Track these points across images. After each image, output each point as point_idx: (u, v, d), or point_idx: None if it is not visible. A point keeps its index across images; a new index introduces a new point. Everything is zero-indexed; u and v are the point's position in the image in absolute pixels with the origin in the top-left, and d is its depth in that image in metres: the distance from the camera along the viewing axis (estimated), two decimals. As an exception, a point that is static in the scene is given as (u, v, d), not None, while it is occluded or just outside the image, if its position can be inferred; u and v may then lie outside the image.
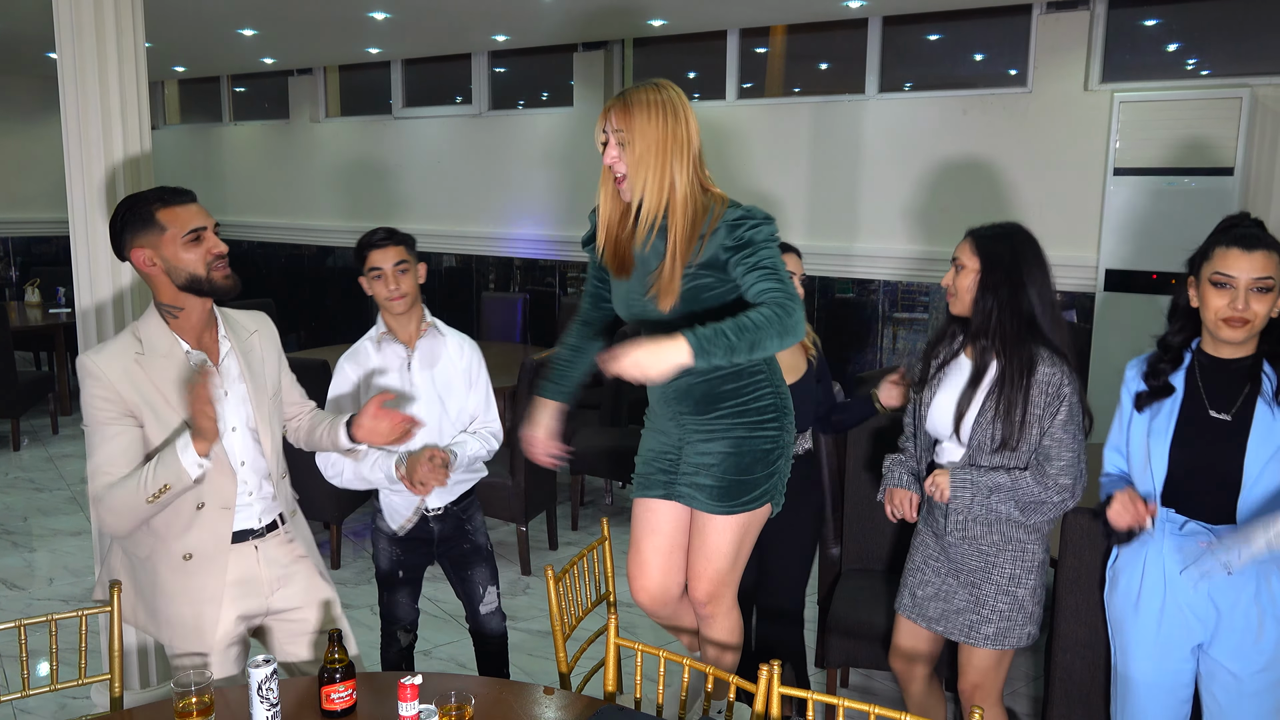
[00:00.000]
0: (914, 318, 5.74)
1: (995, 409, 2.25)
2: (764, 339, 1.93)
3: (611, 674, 2.02)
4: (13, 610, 3.96)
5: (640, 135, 2.05)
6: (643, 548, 2.36)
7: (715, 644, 2.40)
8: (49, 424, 6.77)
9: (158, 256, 1.97)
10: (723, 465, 2.22)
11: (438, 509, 2.73)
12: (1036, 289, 2.25)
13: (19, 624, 2.08)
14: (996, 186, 5.34)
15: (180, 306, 2.01)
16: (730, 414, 2.21)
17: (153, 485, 1.91)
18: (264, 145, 9.01)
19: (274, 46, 7.31)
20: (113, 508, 1.93)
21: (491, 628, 2.86)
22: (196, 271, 1.98)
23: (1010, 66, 5.47)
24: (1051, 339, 2.25)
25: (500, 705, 1.89)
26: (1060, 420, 2.22)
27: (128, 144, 2.79)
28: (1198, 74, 4.99)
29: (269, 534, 2.18)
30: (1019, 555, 2.32)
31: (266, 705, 1.79)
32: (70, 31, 2.72)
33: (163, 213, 1.97)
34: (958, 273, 2.32)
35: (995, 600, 2.31)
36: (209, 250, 1.99)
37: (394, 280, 2.61)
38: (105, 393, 1.94)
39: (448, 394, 2.70)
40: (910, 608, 2.46)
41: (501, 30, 6.43)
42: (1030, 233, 2.34)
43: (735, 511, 2.23)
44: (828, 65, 6.33)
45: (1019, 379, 2.22)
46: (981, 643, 2.33)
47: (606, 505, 5.23)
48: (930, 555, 2.44)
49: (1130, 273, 4.69)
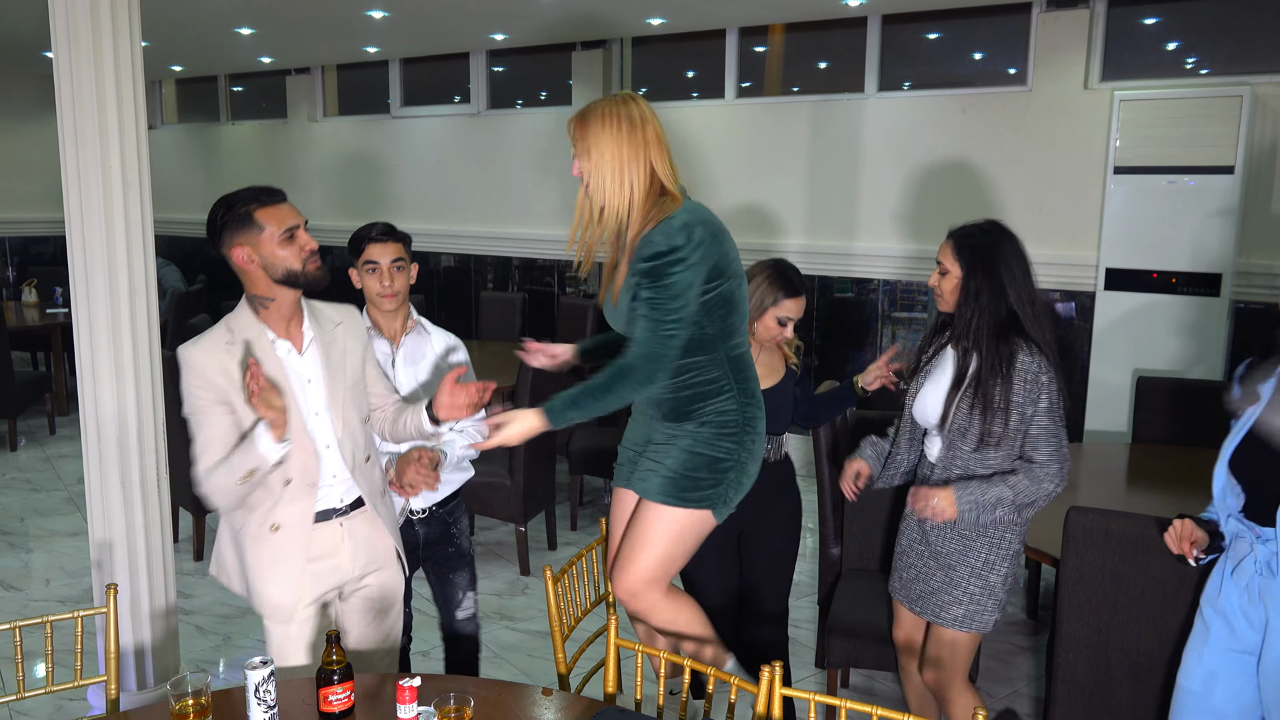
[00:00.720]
0: (913, 317, 5.73)
1: (973, 402, 2.33)
2: (616, 395, 2.15)
3: (612, 674, 2.00)
4: (9, 611, 3.94)
5: (595, 145, 2.17)
6: (613, 536, 2.44)
7: (677, 635, 2.40)
8: (46, 424, 6.75)
9: (256, 254, 2.10)
10: (673, 460, 2.27)
11: (423, 512, 2.71)
12: (1016, 288, 2.33)
13: (14, 625, 2.06)
14: (996, 185, 5.33)
15: (272, 298, 2.14)
16: (695, 424, 2.26)
17: (240, 470, 2.04)
18: (262, 145, 8.99)
19: (271, 45, 7.29)
20: (213, 489, 2.08)
21: (465, 633, 2.83)
22: (293, 266, 2.11)
23: (1010, 65, 5.46)
24: (1032, 334, 2.32)
25: (499, 707, 1.87)
26: (1044, 408, 2.31)
27: (124, 144, 2.77)
28: (1197, 73, 4.98)
29: (352, 512, 2.26)
30: (996, 542, 2.39)
31: (264, 707, 1.78)
32: (66, 31, 2.70)
33: (260, 212, 2.10)
34: (942, 275, 2.41)
35: (968, 583, 2.40)
36: (302, 246, 2.13)
37: (389, 276, 2.60)
38: (199, 381, 2.07)
39: (430, 393, 2.68)
40: (898, 589, 2.56)
41: (500, 29, 6.42)
42: (1008, 230, 2.40)
43: (671, 503, 2.26)
44: (826, 64, 6.32)
45: (997, 373, 2.29)
46: (949, 624, 2.42)
47: (605, 505, 5.21)
48: (914, 539, 2.52)
49: (1131, 271, 4.68)
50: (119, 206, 2.78)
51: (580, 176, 2.23)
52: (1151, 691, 2.38)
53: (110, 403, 2.84)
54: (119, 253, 2.79)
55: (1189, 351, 4.63)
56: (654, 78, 6.94)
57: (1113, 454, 3.84)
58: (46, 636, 2.09)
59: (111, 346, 2.82)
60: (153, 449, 2.93)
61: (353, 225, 2.79)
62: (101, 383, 2.83)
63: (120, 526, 2.91)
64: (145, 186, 2.85)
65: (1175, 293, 4.61)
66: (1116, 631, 2.41)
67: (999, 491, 2.32)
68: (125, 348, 2.83)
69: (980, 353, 2.32)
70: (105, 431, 2.85)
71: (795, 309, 2.72)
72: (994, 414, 2.30)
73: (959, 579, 2.40)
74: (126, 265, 2.81)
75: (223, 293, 8.76)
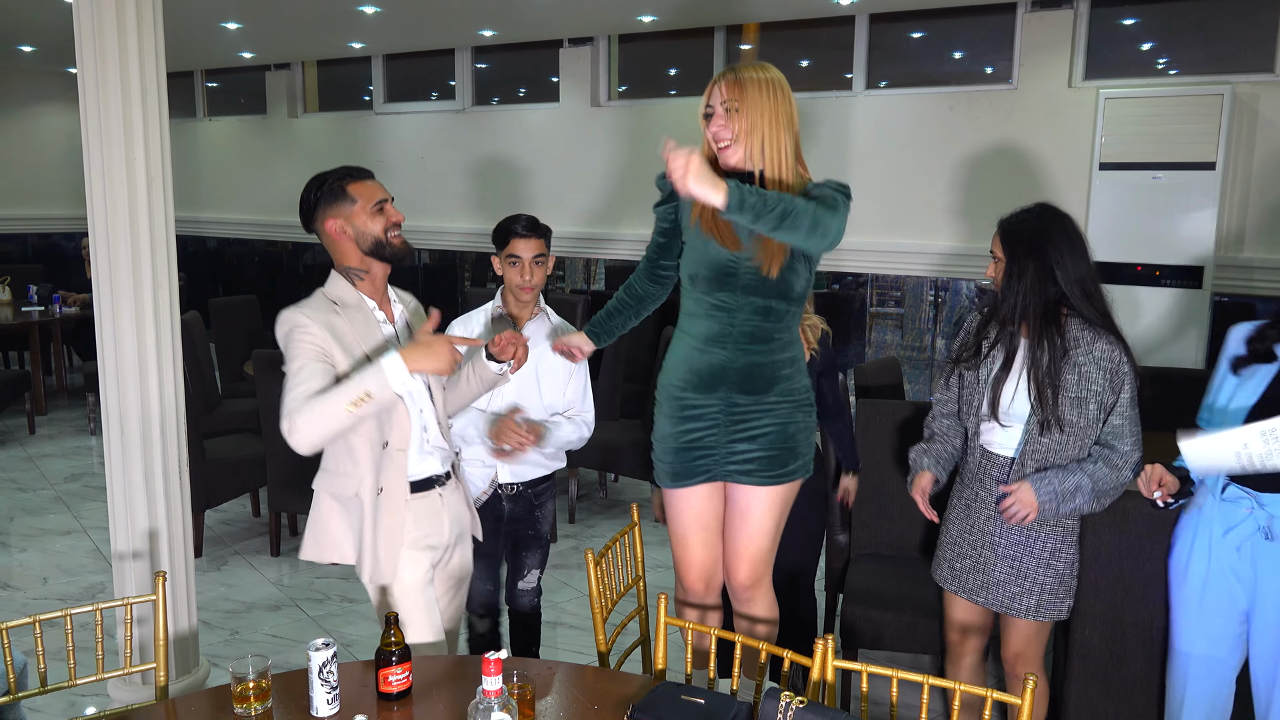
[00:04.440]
0: (896, 312, 5.84)
1: (1033, 386, 2.28)
2: (796, 220, 2.02)
3: (661, 652, 2.05)
4: (10, 611, 3.90)
5: (751, 106, 2.21)
6: (692, 543, 2.45)
7: (760, 621, 2.47)
8: (25, 424, 6.65)
9: (349, 225, 2.22)
10: (772, 437, 2.36)
11: (510, 485, 2.78)
12: (1065, 268, 2.26)
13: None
14: (982, 181, 5.45)
15: (365, 270, 2.25)
16: (780, 394, 2.36)
17: (357, 391, 2.06)
18: (240, 141, 8.91)
19: (255, 40, 7.24)
20: (310, 414, 2.06)
21: (524, 604, 2.93)
22: (380, 236, 2.23)
23: (995, 64, 5.59)
24: (1089, 316, 2.27)
25: (556, 685, 1.91)
26: (1126, 398, 2.28)
27: (148, 136, 2.77)
28: (1178, 72, 5.13)
29: (448, 481, 2.34)
30: (1059, 530, 2.37)
31: (327, 688, 1.80)
32: (91, 24, 2.69)
33: (353, 186, 2.23)
34: (996, 265, 2.37)
35: (1037, 573, 2.37)
36: (389, 219, 2.25)
37: (529, 270, 2.71)
38: (312, 336, 2.14)
39: (546, 377, 2.77)
40: (949, 579, 2.51)
41: (489, 25, 6.43)
42: (1058, 211, 2.34)
43: (782, 481, 2.38)
44: (809, 62, 6.40)
45: (1047, 358, 2.25)
46: (1024, 614, 2.39)
47: (600, 499, 5.26)
48: (966, 529, 2.47)
49: (1116, 264, 4.82)
50: (143, 199, 2.78)
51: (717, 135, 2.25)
52: (1163, 664, 2.48)
53: (134, 395, 2.83)
54: (143, 245, 2.79)
55: (1172, 341, 4.78)
56: (639, 75, 6.99)
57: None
58: (67, 633, 2.08)
59: (135, 338, 2.81)
60: (175, 441, 2.93)
61: None
62: (125, 374, 2.82)
63: (143, 519, 2.91)
64: (167, 179, 2.85)
65: (1158, 285, 4.76)
66: (1132, 607, 2.51)
67: (1077, 480, 2.26)
68: (149, 339, 2.83)
69: (1029, 334, 2.29)
70: (129, 423, 2.84)
71: None
72: (1045, 409, 2.25)
73: (1027, 570, 2.36)
74: (150, 257, 2.81)
75: (205, 289, 8.67)
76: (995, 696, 1.76)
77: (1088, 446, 2.31)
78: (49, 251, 9.47)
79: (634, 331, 2.81)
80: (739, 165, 2.26)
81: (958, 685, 1.77)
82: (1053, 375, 2.26)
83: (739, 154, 2.24)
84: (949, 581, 2.51)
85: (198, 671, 3.05)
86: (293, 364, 2.14)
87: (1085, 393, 2.26)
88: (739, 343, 2.32)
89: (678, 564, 2.52)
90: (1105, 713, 2.58)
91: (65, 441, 6.42)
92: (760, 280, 2.28)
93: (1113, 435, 2.30)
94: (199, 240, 9.08)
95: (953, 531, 2.52)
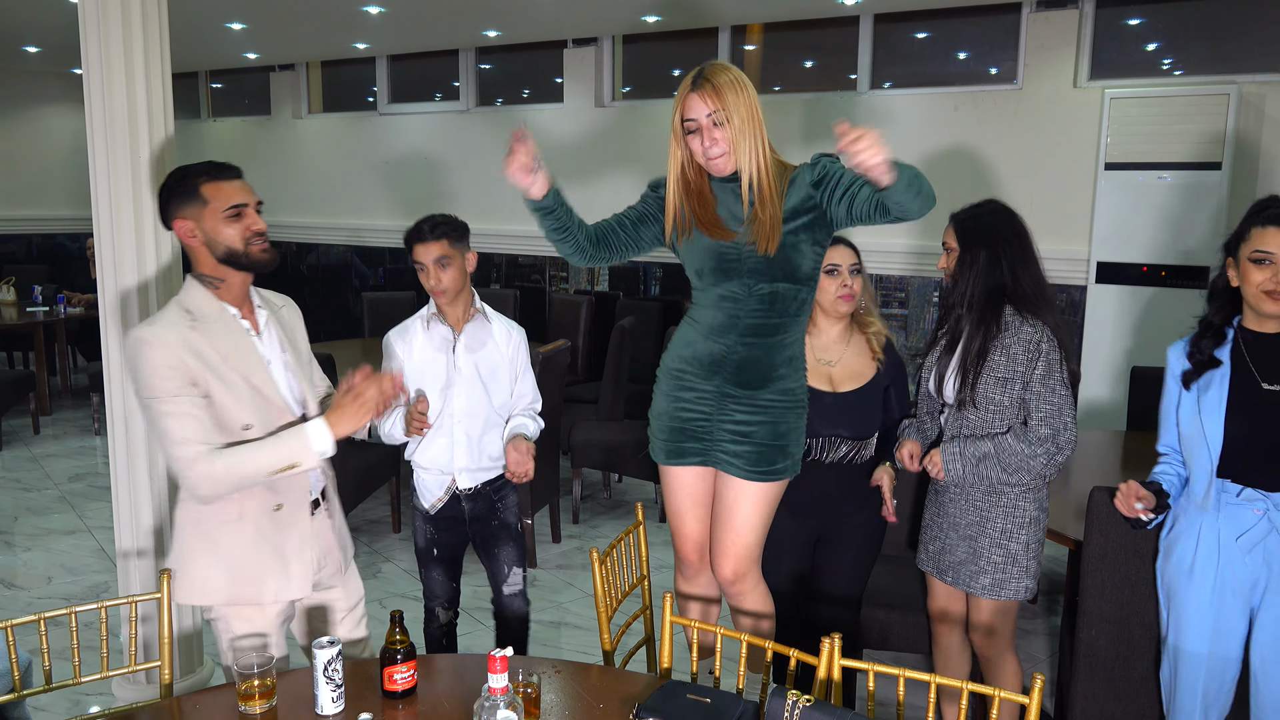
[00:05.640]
0: (900, 313, 5.83)
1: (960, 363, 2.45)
2: (924, 187, 2.07)
3: (667, 651, 2.05)
4: (13, 609, 3.91)
5: (733, 112, 2.19)
6: (687, 518, 2.51)
7: (750, 614, 2.48)
8: (30, 424, 6.66)
9: (199, 229, 2.01)
10: (762, 434, 2.36)
11: (468, 489, 2.77)
12: (1010, 259, 2.42)
13: (39, 617, 2.03)
14: (988, 181, 5.44)
15: (221, 278, 2.05)
16: (775, 393, 2.37)
17: (280, 461, 1.96)
18: (245, 142, 8.92)
19: (260, 41, 7.25)
20: (218, 477, 1.92)
21: (513, 609, 2.89)
22: (234, 246, 2.01)
23: (1000, 64, 5.58)
24: (1024, 300, 2.41)
25: (561, 683, 1.91)
26: (1039, 374, 2.39)
27: (154, 136, 2.77)
28: (1184, 73, 5.12)
29: (317, 509, 2.18)
30: (1009, 511, 2.48)
31: (332, 686, 1.80)
32: (97, 23, 2.70)
33: (207, 186, 2.01)
34: (948, 256, 2.51)
35: (990, 553, 2.50)
36: (248, 226, 2.02)
37: (434, 275, 2.65)
38: (169, 359, 1.92)
39: (491, 380, 2.75)
40: (925, 561, 2.66)
41: (493, 26, 6.43)
42: (1006, 207, 2.50)
43: (769, 479, 2.39)
44: (813, 62, 6.40)
45: (985, 335, 2.41)
46: (980, 592, 2.51)
47: (604, 499, 5.26)
48: (936, 513, 2.62)
49: (1121, 265, 4.81)
50: (148, 200, 2.78)
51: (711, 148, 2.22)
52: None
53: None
54: (148, 246, 2.80)
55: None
56: (642, 75, 6.99)
57: (1109, 441, 3.94)
58: (72, 631, 2.08)
59: (140, 337, 2.81)
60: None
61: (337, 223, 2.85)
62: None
63: (148, 517, 2.91)
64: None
65: (1164, 285, 4.75)
66: (1137, 607, 2.49)
67: (984, 448, 2.41)
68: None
69: (970, 318, 2.43)
70: (133, 423, 2.85)
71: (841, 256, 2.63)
72: (982, 377, 2.41)
73: (981, 549, 2.50)
74: (155, 258, 2.81)
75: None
76: (1002, 695, 1.76)
77: (1011, 425, 2.44)
78: (53, 252, 9.48)
79: (638, 333, 2.81)
80: (727, 170, 2.27)
81: (964, 684, 1.77)
82: (979, 357, 2.41)
83: (732, 163, 2.24)
84: (925, 563, 2.66)
85: (201, 670, 3.05)
86: (160, 401, 1.91)
87: (1011, 373, 2.41)
88: (743, 335, 2.34)
89: (674, 536, 2.59)
90: (1111, 712, 2.57)
91: (69, 441, 6.43)
92: (764, 262, 2.28)
93: (1027, 411, 2.42)
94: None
95: (926, 515, 2.68)
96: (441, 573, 2.84)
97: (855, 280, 2.68)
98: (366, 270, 8.24)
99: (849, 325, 2.73)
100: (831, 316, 2.68)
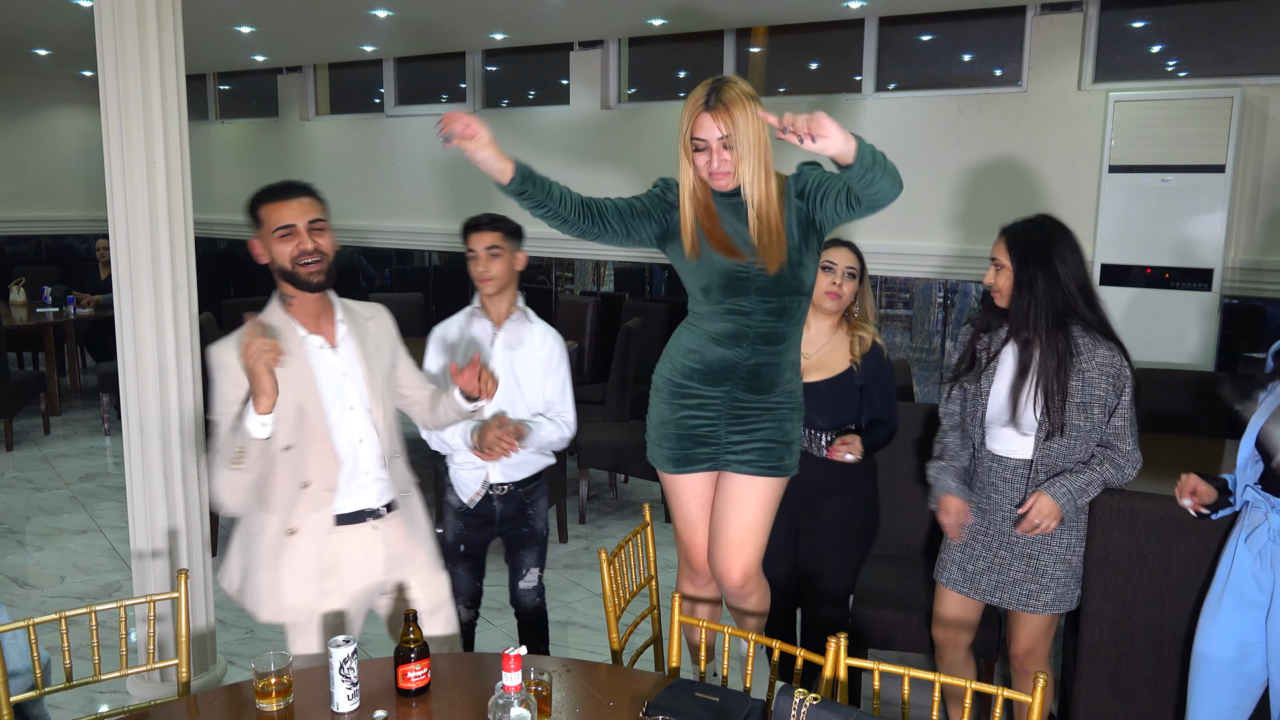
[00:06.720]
0: (905, 314, 5.85)
1: (1043, 394, 2.38)
2: (888, 164, 2.03)
3: (675, 650, 2.08)
4: (28, 608, 3.95)
5: (742, 136, 2.18)
6: (699, 528, 2.53)
7: (751, 615, 2.52)
8: (40, 424, 6.71)
9: (264, 249, 2.14)
10: (770, 433, 2.41)
11: (501, 486, 2.81)
12: (1070, 278, 2.37)
13: (60, 616, 2.07)
14: (992, 184, 5.46)
15: (291, 295, 2.14)
16: (780, 395, 2.42)
17: (230, 449, 2.01)
18: (253, 143, 8.96)
19: (268, 43, 7.29)
20: (218, 485, 2.05)
21: (526, 603, 2.95)
22: (285, 266, 2.11)
23: (1005, 66, 5.60)
24: (1090, 322, 2.39)
25: (572, 682, 1.94)
26: (1127, 400, 2.39)
27: (168, 138, 2.81)
28: (1188, 75, 5.14)
29: (388, 514, 2.27)
30: (1074, 524, 2.47)
31: (347, 684, 1.83)
32: (112, 26, 2.73)
33: (263, 209, 2.12)
34: (997, 271, 2.45)
35: (1054, 569, 2.46)
36: (297, 247, 2.10)
37: (484, 263, 2.75)
38: (234, 379, 2.04)
39: (525, 378, 2.79)
40: (960, 581, 2.57)
41: (499, 29, 6.47)
42: (1060, 222, 2.45)
43: (777, 474, 2.43)
44: (818, 65, 6.43)
45: (1054, 365, 2.36)
46: (1040, 609, 2.48)
47: (610, 500, 5.30)
48: (979, 530, 2.54)
49: (1125, 267, 4.83)
50: (163, 202, 2.82)
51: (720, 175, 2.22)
52: (1172, 664, 2.50)
53: (154, 396, 2.87)
54: (163, 247, 2.83)
55: (1181, 344, 4.79)
56: (648, 77, 7.02)
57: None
58: (91, 629, 2.12)
59: (155, 340, 2.85)
60: (193, 441, 2.97)
61: (344, 224, 2.89)
62: (145, 376, 2.86)
63: (163, 518, 2.95)
64: (187, 182, 2.89)
65: (1168, 288, 4.77)
66: (1141, 608, 2.52)
67: (1088, 477, 2.38)
68: (169, 341, 2.87)
69: (1041, 343, 2.38)
70: (149, 424, 2.88)
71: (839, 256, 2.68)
72: (1052, 412, 2.35)
73: (1045, 566, 2.46)
74: (169, 260, 2.84)
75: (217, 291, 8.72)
76: (1006, 695, 1.78)
77: (1091, 449, 2.42)
78: (63, 253, 9.54)
79: (644, 334, 2.84)
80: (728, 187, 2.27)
81: (968, 684, 1.79)
82: (1061, 381, 2.36)
83: (734, 181, 2.25)
84: (959, 584, 2.57)
85: (215, 669, 3.09)
86: (221, 420, 2.05)
87: (1089, 398, 2.37)
88: (754, 343, 2.37)
89: (684, 547, 2.59)
90: (1114, 713, 2.60)
91: (80, 441, 6.48)
92: (772, 281, 2.31)
93: (1115, 436, 2.41)
94: (210, 242, 9.14)
95: (963, 535, 2.58)
96: (467, 570, 2.89)
97: (847, 284, 2.72)
98: (373, 271, 8.29)
99: (838, 324, 2.78)
100: (818, 312, 2.71)
